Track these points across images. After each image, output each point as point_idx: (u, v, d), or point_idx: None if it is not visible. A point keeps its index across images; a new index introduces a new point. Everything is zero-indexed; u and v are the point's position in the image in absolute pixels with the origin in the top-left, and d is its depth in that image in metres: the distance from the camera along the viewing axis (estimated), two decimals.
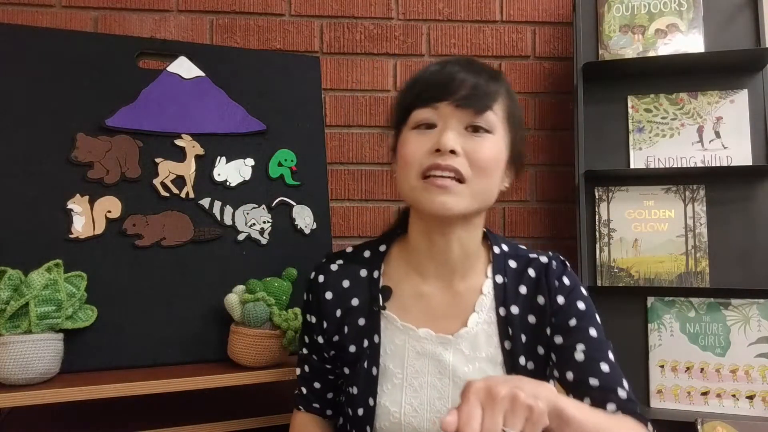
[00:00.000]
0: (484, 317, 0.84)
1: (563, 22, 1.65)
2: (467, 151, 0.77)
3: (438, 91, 0.79)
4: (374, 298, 0.86)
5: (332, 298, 0.88)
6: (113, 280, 1.13)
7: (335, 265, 0.90)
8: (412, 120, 0.81)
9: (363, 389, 0.83)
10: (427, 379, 0.82)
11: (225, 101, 1.29)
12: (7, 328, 0.96)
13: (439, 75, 0.80)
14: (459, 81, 0.78)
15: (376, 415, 0.82)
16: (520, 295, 0.84)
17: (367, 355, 0.84)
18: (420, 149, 0.78)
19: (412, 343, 0.84)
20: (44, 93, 1.16)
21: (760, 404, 1.32)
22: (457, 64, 0.81)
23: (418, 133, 0.80)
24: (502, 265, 0.87)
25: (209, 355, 1.15)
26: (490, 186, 0.81)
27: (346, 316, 0.87)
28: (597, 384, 0.77)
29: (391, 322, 0.85)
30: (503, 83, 0.83)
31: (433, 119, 0.79)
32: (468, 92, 0.78)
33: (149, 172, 1.20)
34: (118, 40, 1.30)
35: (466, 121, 0.78)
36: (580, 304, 0.84)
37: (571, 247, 1.49)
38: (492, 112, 0.79)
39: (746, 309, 1.35)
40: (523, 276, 0.86)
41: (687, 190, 1.42)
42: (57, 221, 1.12)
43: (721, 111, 1.43)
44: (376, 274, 0.88)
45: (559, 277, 0.85)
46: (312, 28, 1.60)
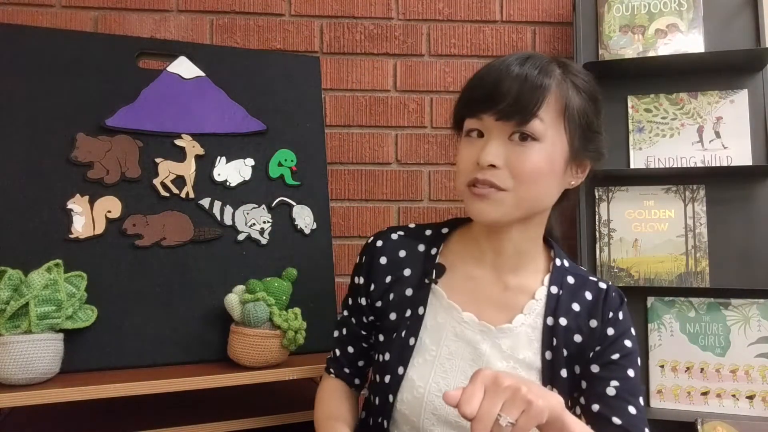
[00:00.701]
0: (531, 321, 0.83)
1: (563, 22, 1.65)
2: (510, 163, 0.77)
3: (481, 103, 0.78)
4: (427, 272, 0.87)
5: (386, 263, 0.89)
6: (113, 280, 1.13)
7: (395, 235, 0.92)
8: (465, 128, 0.83)
9: (396, 357, 0.83)
10: (458, 363, 0.82)
11: (225, 101, 1.29)
12: (7, 328, 0.96)
13: (484, 83, 0.79)
14: (502, 90, 0.76)
15: (401, 385, 0.82)
16: (572, 311, 0.84)
17: (406, 325, 0.85)
18: (468, 160, 0.80)
19: (453, 324, 0.84)
20: (44, 93, 1.16)
21: (760, 404, 1.32)
22: (509, 64, 0.78)
23: (469, 141, 0.81)
24: (560, 277, 0.86)
25: (209, 355, 1.15)
26: (538, 193, 0.79)
27: (395, 284, 0.88)
28: (619, 423, 0.77)
29: (438, 298, 0.86)
30: (558, 79, 0.79)
31: (481, 128, 0.80)
32: (509, 103, 0.76)
33: (149, 172, 1.20)
34: (118, 40, 1.31)
35: (509, 130, 0.77)
36: (627, 342, 0.83)
37: (571, 247, 1.49)
38: (538, 119, 0.76)
39: (746, 309, 1.35)
40: (579, 294, 0.85)
41: (687, 190, 1.42)
42: (57, 221, 1.12)
43: (721, 111, 1.43)
44: (434, 251, 0.89)
45: (616, 310, 0.84)
46: (312, 28, 1.60)
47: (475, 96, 0.80)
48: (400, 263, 0.89)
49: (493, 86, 0.77)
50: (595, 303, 0.84)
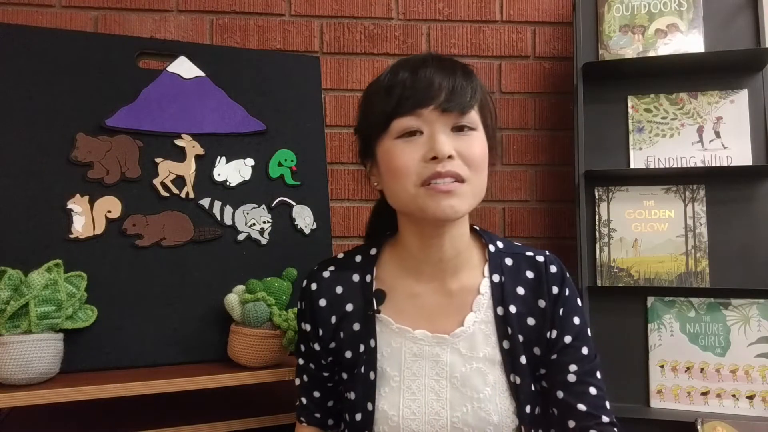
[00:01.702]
0: (482, 316, 0.83)
1: (563, 22, 1.65)
2: (459, 152, 0.77)
3: (419, 98, 0.77)
4: (368, 303, 0.86)
5: (326, 304, 0.87)
6: (113, 280, 1.13)
7: (327, 272, 0.89)
8: (395, 129, 0.78)
9: (361, 394, 0.83)
10: (424, 381, 0.82)
11: (225, 101, 1.29)
12: (7, 328, 0.96)
13: (416, 80, 0.78)
14: (438, 84, 0.77)
15: (374, 419, 0.82)
16: (518, 295, 0.84)
17: (363, 360, 0.84)
18: (413, 158, 0.77)
19: (409, 345, 0.83)
20: (44, 93, 1.16)
21: (760, 404, 1.32)
22: (429, 65, 0.79)
23: (405, 141, 0.78)
24: (498, 263, 0.86)
25: (209, 355, 1.15)
26: (484, 181, 0.81)
27: (341, 322, 0.86)
28: (584, 409, 0.79)
29: (387, 326, 0.85)
30: (476, 79, 0.83)
31: (418, 126, 0.78)
32: (449, 94, 0.77)
33: (149, 172, 1.20)
34: (118, 40, 1.30)
35: (450, 123, 0.78)
36: (576, 319, 0.84)
37: (571, 247, 1.49)
38: (474, 110, 0.80)
39: (746, 309, 1.35)
40: (521, 275, 0.85)
41: (687, 190, 1.42)
42: (57, 221, 1.12)
43: (721, 111, 1.43)
44: (369, 278, 0.87)
45: (561, 284, 0.85)
46: (312, 28, 1.60)
47: (410, 92, 0.78)
48: (340, 300, 0.87)
49: (428, 81, 0.77)
50: (538, 281, 0.84)
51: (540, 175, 1.65)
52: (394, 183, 0.80)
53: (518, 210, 1.64)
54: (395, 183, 0.79)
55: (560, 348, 0.82)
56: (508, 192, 1.65)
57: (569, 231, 1.59)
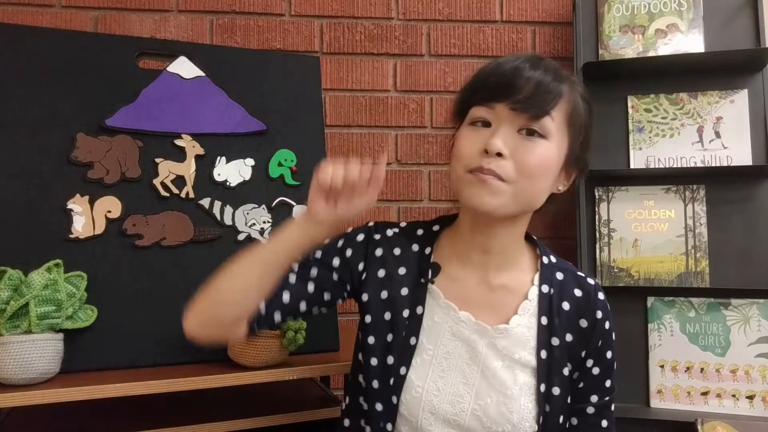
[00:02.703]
0: (525, 321, 0.84)
1: (563, 22, 1.65)
2: (515, 155, 0.77)
3: (496, 92, 0.78)
4: (422, 272, 0.86)
5: (381, 255, 0.88)
6: (113, 280, 1.13)
7: (391, 231, 0.91)
8: (470, 116, 0.81)
9: (398, 358, 0.82)
10: (456, 362, 0.82)
11: (225, 101, 1.29)
12: (7, 328, 0.96)
13: (501, 73, 0.79)
14: (519, 83, 0.77)
15: (404, 386, 0.82)
16: (563, 309, 0.85)
17: (405, 325, 0.84)
18: (471, 147, 0.79)
19: (450, 324, 0.84)
20: (44, 93, 1.16)
21: (760, 404, 1.32)
22: (523, 61, 0.79)
23: (473, 129, 0.80)
24: (549, 275, 0.87)
25: (209, 355, 1.15)
26: (536, 190, 0.80)
27: (387, 281, 0.87)
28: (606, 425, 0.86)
29: (435, 298, 0.85)
30: (569, 85, 0.81)
31: (489, 118, 0.79)
32: (526, 95, 0.76)
33: (149, 172, 1.19)
34: (118, 40, 1.31)
35: (520, 123, 0.77)
36: (609, 353, 0.86)
37: (571, 247, 1.49)
38: (549, 117, 0.78)
39: (746, 309, 1.35)
40: (568, 292, 0.86)
41: (687, 190, 1.42)
42: (57, 221, 1.11)
43: (721, 111, 1.43)
44: (428, 251, 0.88)
45: (605, 313, 0.86)
46: (312, 28, 1.60)
47: (490, 84, 0.79)
48: (395, 261, 0.88)
49: (512, 77, 0.77)
50: (585, 301, 0.86)
51: None
52: (452, 163, 0.82)
53: None
54: (452, 164, 0.82)
55: (587, 376, 0.85)
56: None
57: (569, 231, 1.59)
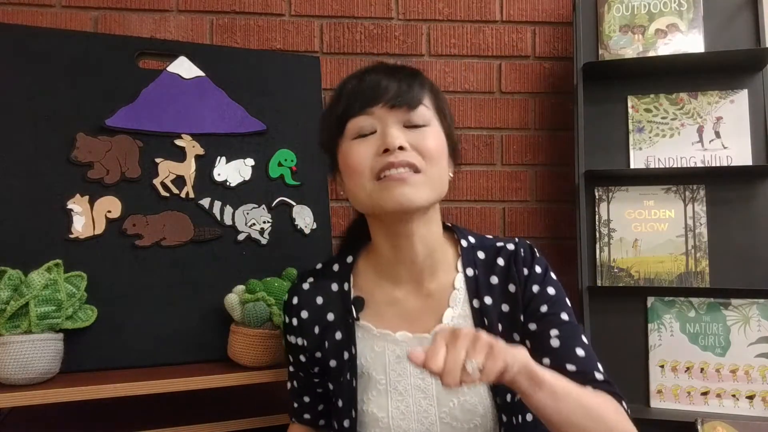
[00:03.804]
0: (459, 311, 0.84)
1: (563, 22, 1.65)
2: (413, 145, 0.79)
3: (368, 97, 0.80)
4: (348, 311, 0.87)
5: (308, 316, 0.89)
6: (113, 280, 1.13)
7: (307, 284, 0.92)
8: (350, 131, 0.82)
9: (346, 401, 0.85)
10: (410, 380, 0.83)
11: (225, 101, 1.29)
12: (7, 328, 0.96)
13: (363, 83, 0.82)
14: (385, 84, 0.80)
15: (363, 423, 0.84)
16: (492, 285, 0.85)
17: (347, 367, 0.85)
18: (367, 155, 0.79)
19: (392, 348, 0.84)
20: (44, 93, 1.16)
21: (760, 404, 1.32)
22: (374, 70, 0.83)
23: (359, 141, 0.81)
24: (471, 257, 0.87)
25: (209, 355, 1.15)
26: (442, 174, 0.82)
27: (325, 332, 0.88)
28: (574, 369, 0.78)
29: (368, 331, 0.86)
30: (424, 79, 0.85)
31: (371, 124, 0.80)
32: (396, 91, 0.80)
33: (149, 172, 1.20)
34: (118, 40, 1.31)
35: (402, 119, 0.80)
36: (550, 289, 0.85)
37: (571, 247, 1.49)
38: (424, 106, 0.81)
39: (746, 309, 1.35)
40: (493, 266, 0.86)
41: (687, 190, 1.42)
42: (57, 221, 1.12)
43: (721, 111, 1.43)
44: (347, 287, 0.89)
45: (530, 265, 0.86)
46: (312, 28, 1.60)
47: (362, 92, 0.81)
48: (321, 310, 0.89)
49: (376, 82, 0.81)
50: (509, 268, 0.85)
51: (540, 175, 1.65)
52: (352, 182, 0.82)
53: (518, 210, 1.64)
54: (352, 181, 0.82)
55: (538, 318, 0.83)
56: (508, 192, 1.65)
57: (569, 231, 1.59)
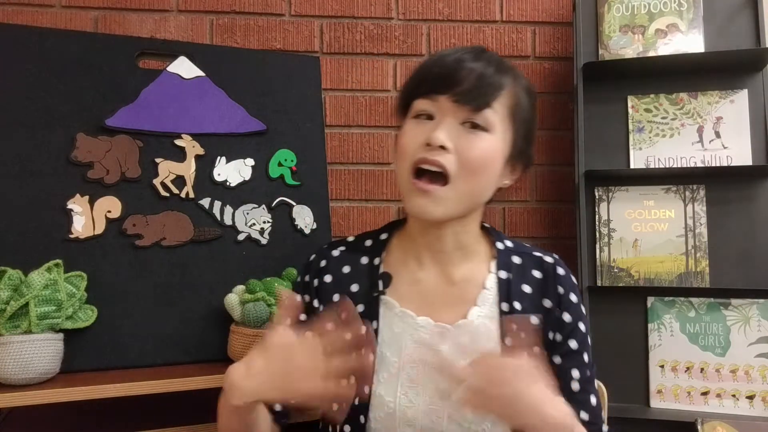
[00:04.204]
0: (486, 312, 0.83)
1: (563, 22, 1.65)
2: (458, 149, 0.77)
3: (438, 84, 0.78)
4: (374, 285, 0.85)
5: (331, 281, 0.87)
6: (113, 280, 1.13)
7: (337, 251, 0.90)
8: (413, 110, 0.81)
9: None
10: (423, 368, 0.80)
11: (225, 101, 1.29)
12: (7, 328, 0.96)
13: (443, 65, 0.79)
14: (461, 74, 0.77)
15: (371, 405, 0.80)
16: (524, 293, 0.84)
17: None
18: (415, 140, 0.78)
19: (410, 332, 0.82)
20: (44, 93, 1.16)
21: (760, 404, 1.32)
22: (466, 53, 0.80)
23: (417, 122, 0.80)
24: (506, 260, 0.86)
25: (209, 355, 1.15)
26: (480, 186, 0.80)
27: None
28: (587, 419, 0.80)
29: (390, 308, 0.84)
30: (512, 77, 0.81)
31: (432, 111, 0.79)
32: (468, 87, 0.76)
33: (149, 172, 1.20)
34: (118, 40, 1.30)
35: (463, 116, 0.77)
36: (582, 326, 0.84)
37: (571, 247, 1.49)
38: (491, 109, 0.78)
39: (746, 309, 1.35)
40: (528, 274, 0.85)
41: (687, 190, 1.42)
42: (57, 221, 1.12)
43: (721, 111, 1.43)
44: (377, 261, 0.87)
45: (568, 288, 0.84)
46: (312, 28, 1.60)
47: (432, 76, 0.79)
48: (346, 280, 0.87)
49: (453, 68, 0.77)
50: (545, 281, 0.84)
51: (540, 175, 1.65)
52: (398, 163, 0.82)
53: (518, 210, 1.64)
54: (398, 163, 0.82)
55: (565, 352, 0.83)
56: (508, 192, 1.64)
57: (569, 231, 1.59)
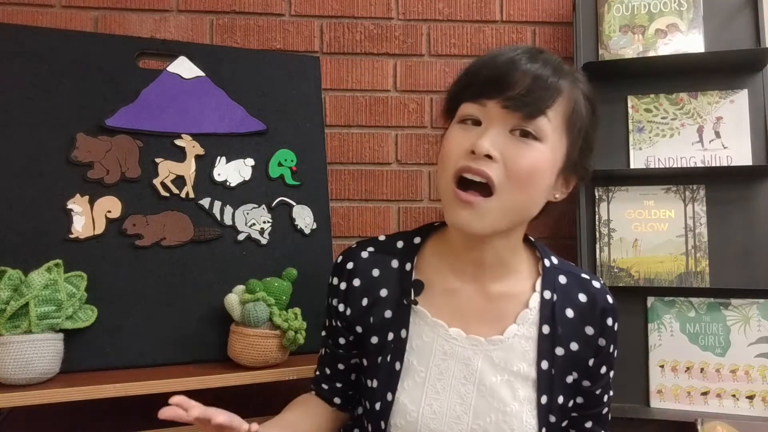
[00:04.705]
0: (524, 331, 0.79)
1: (563, 22, 1.65)
2: (506, 158, 0.70)
3: (488, 87, 0.72)
4: (404, 291, 0.82)
5: (360, 285, 0.84)
6: (113, 280, 1.13)
7: (366, 253, 0.85)
8: (460, 113, 0.76)
9: (383, 383, 0.79)
10: (451, 382, 0.78)
11: (225, 101, 1.29)
12: (7, 328, 0.96)
13: (494, 66, 0.73)
14: (513, 77, 0.71)
15: (392, 411, 0.78)
16: (568, 318, 0.80)
17: (390, 348, 0.80)
18: (460, 146, 0.73)
19: (441, 342, 0.79)
20: (44, 93, 1.16)
21: (760, 404, 1.32)
22: (521, 53, 0.73)
23: (463, 128, 0.75)
24: (552, 280, 0.82)
25: (209, 355, 1.15)
26: (528, 199, 0.74)
27: (373, 306, 0.83)
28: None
29: (422, 318, 0.81)
30: (570, 81, 0.75)
31: (480, 116, 0.73)
32: (520, 92, 0.70)
33: (149, 172, 1.20)
34: (118, 40, 1.31)
35: (513, 123, 0.71)
36: (615, 352, 0.83)
37: (571, 247, 1.49)
38: (545, 117, 0.71)
39: (746, 309, 1.35)
40: (573, 297, 0.81)
41: (687, 190, 1.42)
42: (57, 221, 1.12)
43: (721, 111, 1.43)
44: (409, 267, 0.83)
45: (613, 320, 0.82)
46: (312, 28, 1.60)
47: (481, 79, 0.73)
48: (375, 283, 0.83)
49: (505, 71, 0.71)
50: (590, 308, 0.81)
51: None
52: (439, 167, 0.77)
53: None
54: (440, 167, 0.77)
55: (597, 377, 0.82)
56: None
57: (569, 231, 1.59)
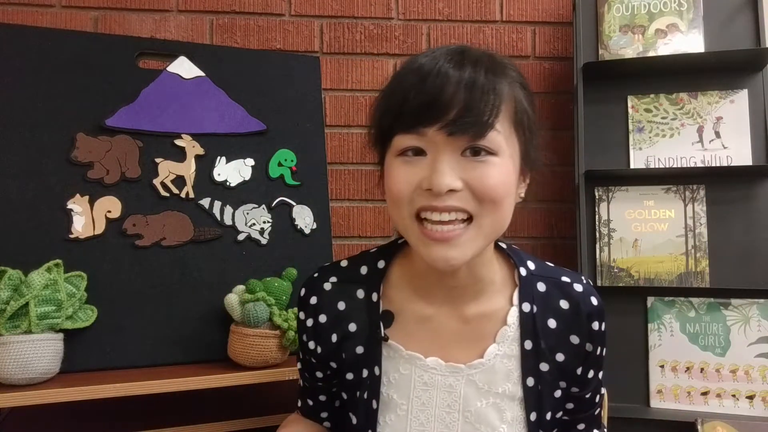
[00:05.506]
0: (505, 350, 0.74)
1: (563, 22, 1.65)
2: (470, 184, 0.64)
3: (422, 116, 0.63)
4: (374, 324, 0.76)
5: (327, 321, 0.78)
6: (113, 280, 1.13)
7: (328, 284, 0.79)
8: (396, 146, 0.66)
9: (362, 420, 0.76)
10: (435, 411, 0.74)
11: (225, 101, 1.29)
12: (7, 328, 0.96)
13: (422, 87, 0.63)
14: (446, 96, 0.62)
15: None
16: (549, 329, 0.75)
17: (366, 385, 0.76)
18: (408, 184, 0.65)
19: (419, 373, 0.75)
20: (44, 93, 1.16)
21: (760, 404, 1.32)
22: (443, 61, 0.64)
23: (405, 161, 0.66)
24: (529, 289, 0.76)
25: (209, 355, 1.15)
26: (503, 215, 0.68)
27: (343, 342, 0.77)
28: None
29: (396, 351, 0.76)
30: (506, 80, 0.67)
31: (421, 146, 0.64)
32: (459, 115, 0.62)
33: (149, 172, 1.20)
34: (118, 40, 1.30)
35: (462, 145, 0.63)
36: (604, 351, 0.78)
37: (571, 247, 1.49)
38: (495, 130, 0.64)
39: (746, 309, 1.35)
40: (554, 306, 0.76)
41: (687, 190, 1.42)
42: (57, 221, 1.12)
43: (721, 111, 1.43)
44: (375, 297, 0.77)
45: (600, 322, 0.76)
46: (312, 28, 1.60)
47: (412, 105, 0.63)
48: (343, 317, 0.77)
49: (436, 91, 0.62)
50: (574, 314, 0.75)
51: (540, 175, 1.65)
52: (390, 206, 0.70)
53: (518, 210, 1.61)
54: (391, 206, 0.70)
55: (587, 380, 0.78)
56: None
57: (569, 231, 1.59)
